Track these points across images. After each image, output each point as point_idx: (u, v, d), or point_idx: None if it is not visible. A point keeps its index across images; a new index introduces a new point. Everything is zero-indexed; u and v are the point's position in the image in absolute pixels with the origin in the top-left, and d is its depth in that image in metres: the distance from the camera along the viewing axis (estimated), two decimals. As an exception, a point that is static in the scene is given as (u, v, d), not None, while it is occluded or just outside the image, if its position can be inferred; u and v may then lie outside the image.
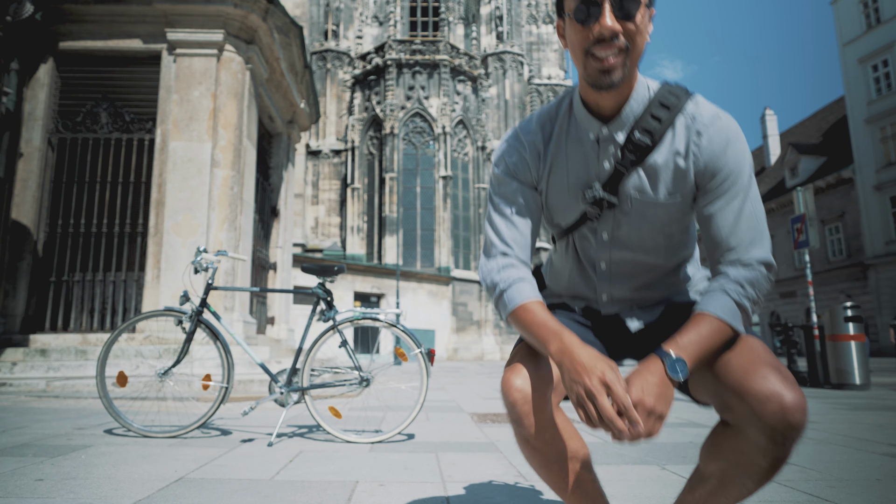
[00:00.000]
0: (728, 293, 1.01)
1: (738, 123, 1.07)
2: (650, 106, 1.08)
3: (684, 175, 1.07)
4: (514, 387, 1.02)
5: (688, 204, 1.11)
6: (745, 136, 1.08)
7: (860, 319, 7.33)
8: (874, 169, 25.99)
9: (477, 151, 33.38)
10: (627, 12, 0.99)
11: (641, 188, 1.10)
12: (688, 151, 1.06)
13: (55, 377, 5.73)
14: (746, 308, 1.02)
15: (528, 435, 1.04)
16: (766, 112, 38.29)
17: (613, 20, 0.99)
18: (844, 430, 3.51)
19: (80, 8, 6.98)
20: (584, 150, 1.13)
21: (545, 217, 1.23)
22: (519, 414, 1.03)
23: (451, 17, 34.70)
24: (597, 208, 1.13)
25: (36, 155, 6.87)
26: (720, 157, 1.04)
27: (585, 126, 1.12)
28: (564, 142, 1.16)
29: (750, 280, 1.02)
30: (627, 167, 1.09)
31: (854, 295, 26.06)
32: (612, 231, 1.16)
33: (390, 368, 13.26)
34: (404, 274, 28.18)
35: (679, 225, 1.15)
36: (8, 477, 2.16)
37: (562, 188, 1.16)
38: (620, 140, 1.10)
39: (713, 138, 1.05)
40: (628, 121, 1.09)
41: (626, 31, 1.00)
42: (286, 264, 9.94)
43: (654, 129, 1.07)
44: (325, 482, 2.17)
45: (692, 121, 1.06)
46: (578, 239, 1.21)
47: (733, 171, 1.04)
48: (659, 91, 1.09)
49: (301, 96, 10.11)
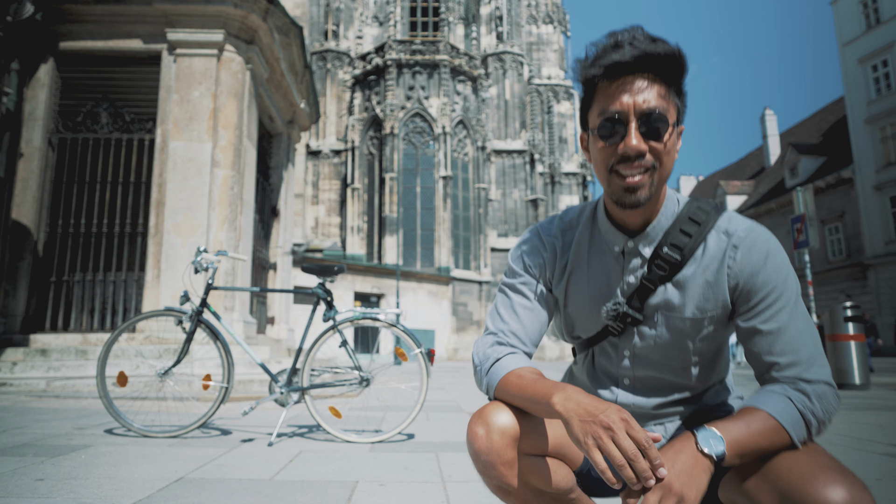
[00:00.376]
0: (791, 400, 0.90)
1: (776, 238, 1.02)
2: (679, 220, 1.04)
3: (716, 291, 1.01)
4: (477, 435, 0.97)
5: (720, 322, 1.04)
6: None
7: (861, 319, 7.33)
8: (874, 169, 25.99)
9: (477, 151, 33.38)
10: (655, 132, 0.95)
11: (669, 304, 1.04)
12: (721, 266, 1.00)
13: (55, 377, 5.73)
14: (810, 423, 0.89)
15: (498, 483, 0.99)
16: (766, 112, 38.31)
17: (640, 139, 0.95)
18: (844, 430, 3.51)
19: (81, 8, 6.98)
20: (607, 261, 1.10)
21: (565, 328, 1.19)
22: (484, 464, 0.98)
23: (451, 18, 34.69)
24: (620, 323, 1.08)
25: (36, 155, 6.87)
26: (760, 271, 0.97)
27: (610, 239, 1.08)
28: (587, 251, 1.12)
29: (818, 393, 0.91)
30: (655, 283, 1.04)
31: (854, 295, 26.07)
32: (635, 348, 1.10)
33: (390, 368, 13.25)
34: (404, 274, 28.18)
35: (709, 344, 1.06)
36: (8, 477, 2.16)
37: (582, 299, 1.12)
38: (647, 254, 1.05)
39: (751, 251, 0.98)
40: (656, 236, 1.05)
41: (652, 150, 0.96)
42: (286, 264, 9.94)
43: (683, 245, 1.02)
44: (325, 482, 2.17)
45: (727, 235, 1.01)
46: (599, 353, 1.15)
47: (777, 284, 0.97)
48: (687, 206, 1.06)
49: (301, 96, 10.11)
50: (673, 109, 0.98)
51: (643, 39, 0.95)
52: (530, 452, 1.01)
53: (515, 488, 1.00)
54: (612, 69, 0.95)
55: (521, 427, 0.99)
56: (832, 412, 0.92)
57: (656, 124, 0.95)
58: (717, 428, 0.86)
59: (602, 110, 0.98)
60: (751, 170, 40.29)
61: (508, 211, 34.17)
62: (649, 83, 0.95)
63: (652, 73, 0.95)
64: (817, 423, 0.90)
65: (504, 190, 34.35)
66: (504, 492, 1.02)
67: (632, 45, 0.94)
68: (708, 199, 1.08)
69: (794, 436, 0.88)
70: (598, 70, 0.97)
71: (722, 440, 0.84)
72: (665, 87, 0.96)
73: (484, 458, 0.97)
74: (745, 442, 0.85)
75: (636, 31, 0.97)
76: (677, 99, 0.99)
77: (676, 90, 0.99)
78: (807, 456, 0.85)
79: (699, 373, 1.10)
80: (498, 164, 34.50)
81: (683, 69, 0.97)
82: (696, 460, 0.83)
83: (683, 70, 0.98)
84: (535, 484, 1.02)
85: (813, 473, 0.80)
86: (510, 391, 1.01)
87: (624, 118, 0.96)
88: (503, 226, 33.93)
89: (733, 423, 0.87)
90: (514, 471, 0.98)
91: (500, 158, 34.53)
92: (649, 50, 0.93)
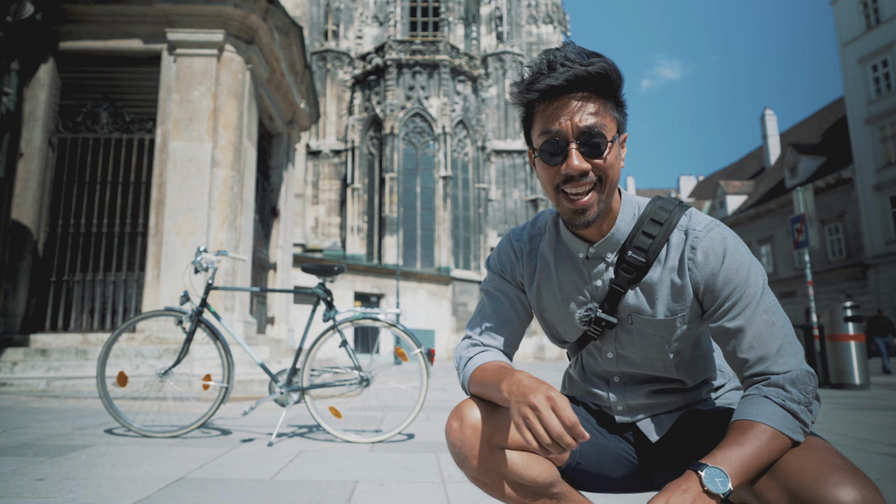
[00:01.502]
0: (769, 398, 0.92)
1: (735, 233, 1.02)
2: (641, 223, 1.05)
3: (682, 291, 1.02)
4: (452, 428, 1.02)
5: (692, 321, 1.05)
6: (741, 245, 1.01)
7: (860, 319, 7.33)
8: (874, 169, 25.98)
9: (477, 151, 33.39)
10: (595, 149, 0.97)
11: (639, 307, 1.06)
12: (682, 266, 1.01)
13: (55, 377, 5.73)
14: (796, 412, 0.90)
15: (475, 474, 1.03)
16: (766, 112, 38.30)
17: (581, 159, 0.96)
18: (844, 430, 3.51)
19: (81, 8, 6.98)
20: (574, 267, 1.12)
21: (549, 333, 1.21)
22: (458, 456, 1.03)
23: (451, 18, 34.68)
24: (596, 327, 1.10)
25: (36, 155, 6.87)
26: (719, 271, 0.98)
27: (573, 246, 1.11)
28: (553, 258, 1.14)
29: (791, 380, 0.92)
30: (624, 286, 1.06)
31: (854, 295, 26.06)
32: (617, 350, 1.12)
33: (390, 368, 13.25)
34: (404, 274, 28.18)
35: (685, 343, 1.08)
36: (8, 477, 2.16)
37: (556, 305, 1.15)
38: (610, 259, 1.08)
39: (708, 251, 0.99)
40: (618, 241, 1.06)
41: (595, 167, 0.98)
42: (286, 264, 9.94)
43: (647, 247, 1.04)
44: (325, 482, 2.17)
45: (685, 235, 1.02)
46: (587, 354, 1.18)
47: (738, 283, 0.97)
48: (649, 207, 1.07)
49: (301, 96, 10.11)
50: (611, 123, 0.99)
51: (575, 58, 0.97)
52: (505, 446, 1.03)
53: (491, 480, 1.04)
54: (546, 93, 0.98)
55: (494, 421, 1.02)
56: (811, 393, 0.92)
57: (595, 141, 0.96)
58: (719, 463, 0.85)
59: (542, 131, 1.00)
60: (751, 170, 40.28)
61: (508, 211, 34.17)
62: (584, 102, 0.97)
63: (587, 91, 0.97)
64: (802, 407, 0.90)
65: (504, 190, 34.34)
66: (481, 483, 1.06)
67: (563, 65, 0.96)
68: (671, 198, 1.09)
69: (792, 435, 0.89)
70: (533, 95, 0.99)
71: (727, 479, 0.84)
72: (601, 103, 0.98)
73: (458, 450, 1.02)
74: (748, 465, 0.86)
75: (567, 49, 0.99)
76: (616, 111, 1.01)
77: (615, 102, 1.01)
78: (817, 454, 0.85)
79: (682, 370, 1.11)
80: (498, 164, 34.50)
81: (618, 83, 0.99)
82: (703, 501, 0.83)
83: (618, 84, 0.99)
84: (511, 477, 1.04)
85: (824, 473, 0.79)
86: (476, 383, 1.06)
87: (564, 138, 0.97)
88: (503, 226, 33.92)
89: (731, 449, 0.87)
90: (487, 463, 1.02)
91: (500, 158, 34.52)
92: (580, 71, 0.95)
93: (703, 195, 45.38)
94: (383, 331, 3.41)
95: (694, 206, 1.19)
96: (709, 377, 1.16)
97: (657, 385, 1.13)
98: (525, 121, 1.05)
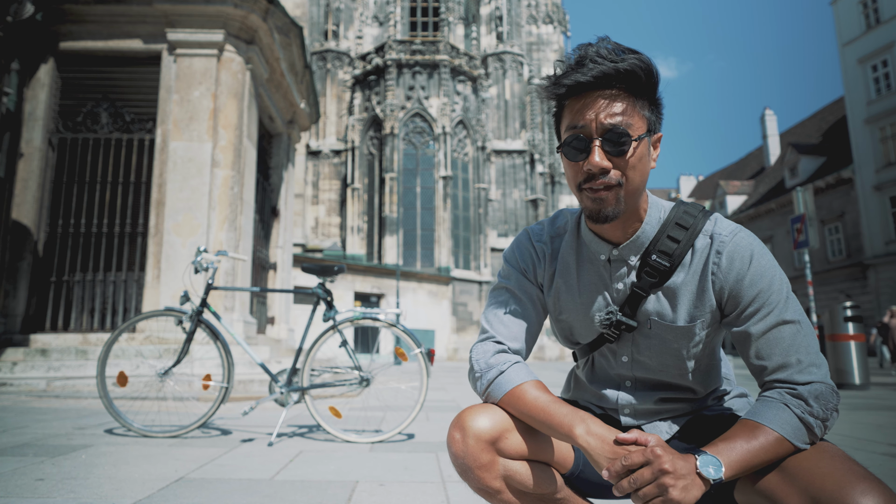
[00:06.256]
0: (788, 406, 0.91)
1: (760, 240, 1.02)
2: (666, 227, 1.05)
3: (705, 297, 1.02)
4: (454, 439, 1.00)
5: (712, 327, 1.05)
6: (765, 248, 1.01)
7: (860, 319, 7.34)
8: (874, 169, 25.98)
9: (477, 151, 33.38)
10: (618, 148, 0.96)
11: (660, 312, 1.05)
12: (706, 272, 1.01)
13: (55, 377, 5.73)
14: (811, 426, 0.90)
15: (479, 485, 1.01)
16: (766, 112, 38.30)
17: (602, 157, 0.96)
18: (844, 431, 3.51)
19: (81, 8, 6.98)
20: (595, 270, 1.11)
21: (562, 334, 1.19)
22: (461, 467, 1.00)
23: (451, 18, 34.67)
24: (615, 331, 1.09)
25: (36, 155, 6.87)
26: (745, 276, 0.97)
27: (595, 248, 1.10)
28: (574, 260, 1.13)
29: (814, 394, 0.91)
30: (646, 290, 1.05)
31: (854, 295, 26.05)
32: (633, 354, 1.11)
33: (390, 368, 13.24)
34: (404, 274, 28.18)
35: (704, 350, 1.08)
36: (8, 477, 2.16)
37: (575, 307, 1.13)
38: (633, 263, 1.06)
39: (734, 256, 0.99)
40: (642, 244, 1.05)
41: (617, 166, 0.97)
42: (286, 264, 9.94)
43: (672, 251, 1.03)
44: (325, 482, 2.17)
45: (711, 239, 1.02)
46: (599, 356, 1.16)
47: (763, 288, 0.97)
48: (674, 211, 1.06)
49: (301, 96, 10.11)
50: (640, 121, 0.98)
51: (608, 54, 0.95)
52: (511, 456, 1.02)
53: (495, 490, 1.02)
54: (574, 88, 0.97)
55: (502, 432, 1.01)
56: (832, 409, 0.92)
57: (619, 140, 0.95)
58: (718, 452, 0.87)
59: (568, 126, 1.00)
60: (751, 170, 40.29)
61: (508, 211, 34.16)
62: (611, 100, 0.96)
63: (616, 88, 0.96)
64: (819, 422, 0.90)
65: (504, 190, 34.34)
66: (485, 493, 1.04)
67: (594, 62, 0.95)
68: (696, 203, 1.09)
69: (798, 443, 0.89)
70: (561, 90, 0.98)
71: (721, 468, 0.85)
72: (631, 101, 0.97)
73: (460, 461, 1.00)
74: (745, 461, 0.87)
75: (601, 45, 0.97)
76: (647, 110, 0.99)
77: (649, 100, 0.99)
78: (840, 463, 0.85)
79: (697, 376, 1.11)
80: (498, 164, 34.49)
81: (650, 82, 0.98)
82: (693, 476, 0.85)
83: (651, 82, 0.98)
84: (516, 486, 1.03)
85: (850, 482, 0.80)
86: (520, 408, 1.02)
87: (587, 134, 0.97)
88: (503, 226, 33.92)
89: (734, 442, 0.88)
90: (491, 473, 1.00)
91: (500, 158, 34.51)
92: (608, 68, 0.94)
93: (703, 195, 45.38)
94: (383, 331, 3.41)
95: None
96: (717, 386, 1.16)
97: (668, 392, 1.13)
98: (556, 115, 1.05)
